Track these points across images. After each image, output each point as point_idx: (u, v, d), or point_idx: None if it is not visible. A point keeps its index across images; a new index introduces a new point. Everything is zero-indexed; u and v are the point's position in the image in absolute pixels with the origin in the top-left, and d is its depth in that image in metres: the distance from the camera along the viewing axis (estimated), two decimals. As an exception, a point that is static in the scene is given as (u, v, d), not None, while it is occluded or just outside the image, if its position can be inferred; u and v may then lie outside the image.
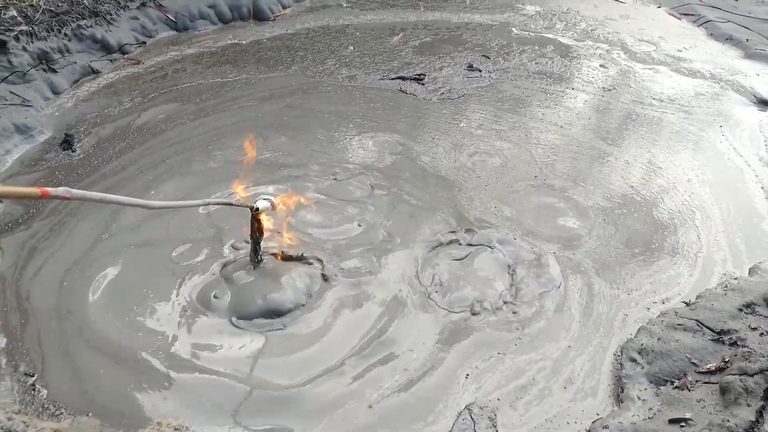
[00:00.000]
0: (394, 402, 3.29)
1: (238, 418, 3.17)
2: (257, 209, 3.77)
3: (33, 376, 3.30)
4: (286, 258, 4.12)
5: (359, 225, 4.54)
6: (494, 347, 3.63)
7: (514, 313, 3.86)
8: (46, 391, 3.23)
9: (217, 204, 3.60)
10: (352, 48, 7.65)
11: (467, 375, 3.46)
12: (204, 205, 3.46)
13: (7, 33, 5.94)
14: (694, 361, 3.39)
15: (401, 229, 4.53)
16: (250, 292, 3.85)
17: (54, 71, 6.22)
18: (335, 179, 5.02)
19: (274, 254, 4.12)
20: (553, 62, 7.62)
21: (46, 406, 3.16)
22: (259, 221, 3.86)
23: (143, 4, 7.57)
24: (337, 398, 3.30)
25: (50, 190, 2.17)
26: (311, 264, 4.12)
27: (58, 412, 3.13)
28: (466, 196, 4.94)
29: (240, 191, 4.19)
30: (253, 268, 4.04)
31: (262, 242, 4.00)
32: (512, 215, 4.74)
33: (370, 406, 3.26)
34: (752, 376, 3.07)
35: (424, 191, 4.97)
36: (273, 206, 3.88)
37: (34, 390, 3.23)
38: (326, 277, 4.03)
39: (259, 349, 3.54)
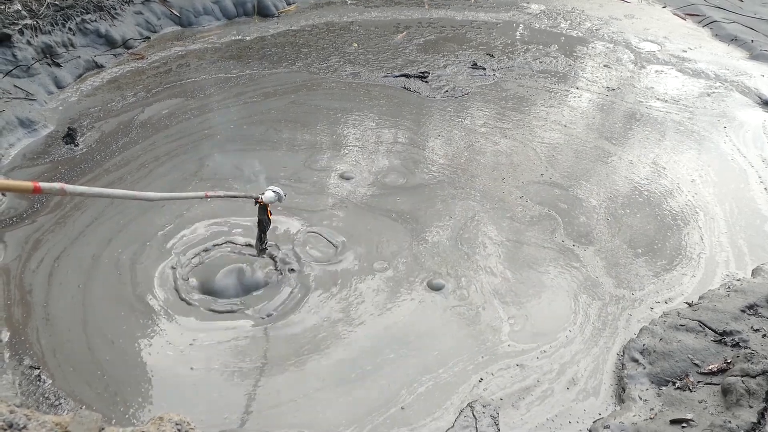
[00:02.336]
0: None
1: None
2: (262, 200, 3.75)
3: (38, 368, 3.30)
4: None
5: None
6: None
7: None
8: (50, 381, 3.24)
9: (218, 197, 3.59)
10: (356, 45, 7.64)
11: (481, 379, 3.46)
12: (205, 198, 3.45)
13: (12, 27, 5.93)
14: (696, 361, 3.38)
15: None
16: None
17: (58, 65, 6.22)
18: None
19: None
20: (557, 61, 7.60)
21: (47, 396, 3.16)
22: (265, 211, 3.86)
23: (148, 0, 7.57)
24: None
25: (43, 185, 2.06)
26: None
27: (57, 402, 3.13)
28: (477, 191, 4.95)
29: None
30: (257, 256, 4.05)
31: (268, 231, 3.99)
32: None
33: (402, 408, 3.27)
34: (754, 377, 3.07)
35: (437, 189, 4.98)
36: (280, 198, 3.88)
37: (39, 380, 3.24)
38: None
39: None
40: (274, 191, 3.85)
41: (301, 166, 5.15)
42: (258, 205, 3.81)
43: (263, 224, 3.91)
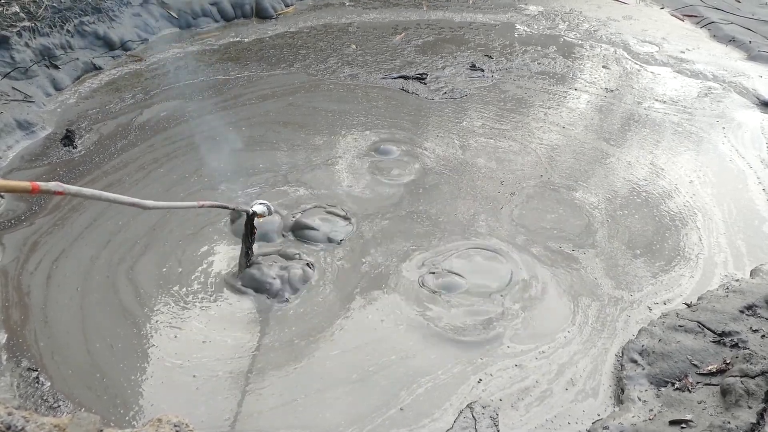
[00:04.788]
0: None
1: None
2: (254, 213, 3.77)
3: (36, 370, 3.30)
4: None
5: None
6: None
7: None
8: (49, 384, 3.24)
9: (213, 206, 3.61)
10: (354, 47, 7.64)
11: (480, 379, 3.46)
12: (200, 207, 3.46)
13: (10, 29, 5.93)
14: (695, 362, 3.39)
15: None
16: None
17: (56, 67, 6.21)
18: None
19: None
20: (555, 62, 7.61)
21: (45, 398, 3.16)
22: (252, 225, 3.86)
23: (146, 1, 7.56)
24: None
25: (41, 184, 2.14)
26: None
27: (56, 405, 3.13)
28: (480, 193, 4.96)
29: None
30: (240, 271, 4.00)
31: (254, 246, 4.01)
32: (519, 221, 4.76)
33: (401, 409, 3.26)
34: (753, 378, 3.07)
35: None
36: (270, 211, 3.91)
37: (37, 383, 3.23)
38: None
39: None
40: (262, 204, 3.89)
41: (302, 166, 5.15)
42: (248, 219, 3.82)
43: (249, 239, 3.91)
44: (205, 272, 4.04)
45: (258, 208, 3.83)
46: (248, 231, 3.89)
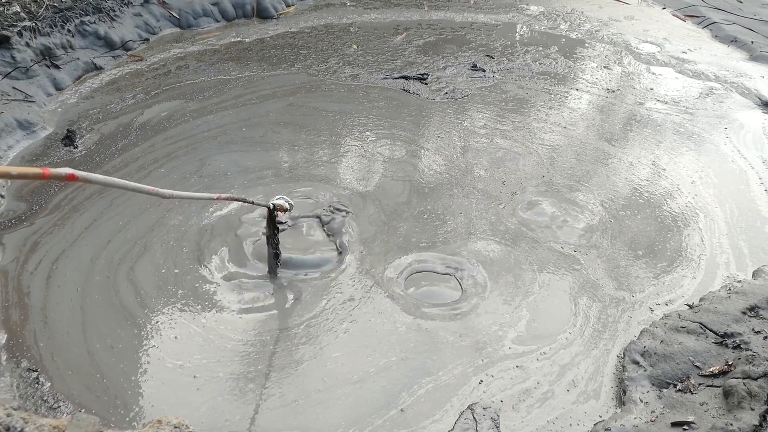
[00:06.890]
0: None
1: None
2: (274, 207, 3.72)
3: (36, 371, 3.29)
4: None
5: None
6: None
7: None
8: (49, 384, 3.23)
9: (230, 199, 3.52)
10: (355, 47, 7.64)
11: (481, 381, 3.44)
12: (217, 200, 3.40)
13: (11, 28, 5.92)
14: (697, 364, 3.37)
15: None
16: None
17: (57, 67, 6.21)
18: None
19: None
20: (557, 63, 7.59)
21: (45, 399, 3.15)
22: (274, 223, 3.81)
23: (147, 1, 7.56)
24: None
25: (52, 170, 2.13)
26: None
27: (56, 405, 3.12)
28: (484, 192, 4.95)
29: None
30: (276, 276, 3.96)
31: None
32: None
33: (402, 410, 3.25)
34: (756, 379, 3.05)
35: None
36: (291, 206, 3.86)
37: (37, 383, 3.22)
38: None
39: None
40: (280, 198, 3.83)
41: (303, 166, 5.14)
42: (269, 217, 3.77)
43: (275, 239, 3.85)
44: (205, 273, 4.03)
45: (278, 203, 3.77)
46: (271, 231, 3.82)
